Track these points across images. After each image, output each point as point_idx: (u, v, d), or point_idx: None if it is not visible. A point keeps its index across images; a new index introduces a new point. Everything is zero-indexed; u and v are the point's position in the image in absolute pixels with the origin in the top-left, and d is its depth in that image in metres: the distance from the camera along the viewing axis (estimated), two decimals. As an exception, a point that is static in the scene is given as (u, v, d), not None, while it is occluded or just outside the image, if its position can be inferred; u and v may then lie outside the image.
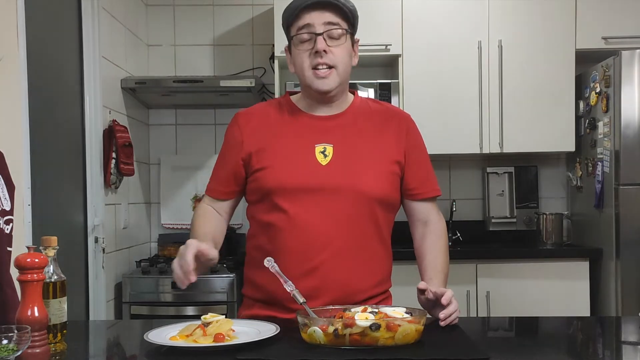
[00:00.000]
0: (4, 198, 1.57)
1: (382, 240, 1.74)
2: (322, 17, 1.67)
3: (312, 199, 1.65)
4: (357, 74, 3.86)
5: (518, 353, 1.39)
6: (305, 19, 1.67)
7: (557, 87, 3.62)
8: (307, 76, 1.70)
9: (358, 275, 1.68)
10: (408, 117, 1.83)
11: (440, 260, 1.74)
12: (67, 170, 2.86)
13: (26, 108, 2.27)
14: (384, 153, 1.73)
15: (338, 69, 1.69)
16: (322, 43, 1.66)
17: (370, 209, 1.69)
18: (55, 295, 1.43)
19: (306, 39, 1.68)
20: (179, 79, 3.49)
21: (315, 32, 1.67)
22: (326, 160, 1.69)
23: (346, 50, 1.71)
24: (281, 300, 1.65)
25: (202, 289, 3.23)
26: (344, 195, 1.66)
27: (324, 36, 1.66)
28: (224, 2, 3.95)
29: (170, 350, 1.34)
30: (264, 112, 1.79)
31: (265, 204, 1.70)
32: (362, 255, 1.69)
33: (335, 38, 1.68)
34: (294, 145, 1.70)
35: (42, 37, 2.53)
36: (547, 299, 3.37)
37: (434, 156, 3.77)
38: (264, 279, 1.68)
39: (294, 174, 1.67)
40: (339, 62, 1.69)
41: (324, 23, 1.67)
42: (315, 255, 1.64)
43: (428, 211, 1.81)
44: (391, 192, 1.74)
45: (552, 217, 3.72)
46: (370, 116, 1.78)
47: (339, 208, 1.66)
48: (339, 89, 1.73)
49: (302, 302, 1.50)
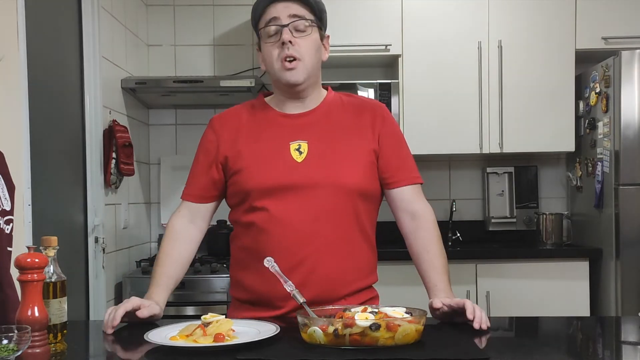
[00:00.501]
0: (4, 198, 1.57)
1: (364, 232, 1.75)
2: (288, 9, 1.69)
3: (291, 197, 1.67)
4: (357, 74, 3.87)
5: (518, 353, 1.39)
6: (272, 12, 1.70)
7: (557, 87, 3.62)
8: (276, 68, 1.71)
9: (342, 269, 1.68)
10: (382, 107, 1.83)
11: (438, 260, 1.71)
12: (67, 170, 2.86)
13: (26, 108, 2.27)
14: (359, 144, 1.73)
15: (304, 61, 1.70)
16: (287, 34, 1.68)
17: (350, 202, 1.70)
18: (56, 295, 1.43)
19: (273, 32, 1.70)
20: (179, 79, 3.50)
21: (281, 24, 1.69)
22: (302, 157, 1.70)
23: (313, 43, 1.72)
24: (269, 300, 1.67)
25: (202, 289, 3.23)
26: (322, 190, 1.67)
27: (289, 28, 1.68)
28: (224, 2, 3.95)
29: (170, 350, 1.34)
30: (237, 114, 1.81)
31: (245, 205, 1.72)
32: (344, 248, 1.69)
33: (301, 30, 1.70)
34: (269, 145, 1.72)
35: (42, 37, 2.53)
36: (547, 299, 3.38)
37: (434, 156, 3.85)
38: (250, 280, 1.71)
39: (271, 174, 1.68)
40: (305, 53, 1.70)
41: (289, 15, 1.69)
42: (298, 251, 1.65)
43: (409, 200, 1.76)
44: (370, 183, 1.74)
45: (552, 217, 3.72)
46: (344, 110, 1.79)
47: (318, 203, 1.67)
48: (309, 82, 1.74)
49: (302, 302, 1.50)
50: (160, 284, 1.72)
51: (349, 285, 1.70)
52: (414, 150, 3.71)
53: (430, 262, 1.71)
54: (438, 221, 1.81)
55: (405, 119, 3.62)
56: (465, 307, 1.53)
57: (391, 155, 1.76)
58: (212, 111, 3.93)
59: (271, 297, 1.66)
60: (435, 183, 3.97)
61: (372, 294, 1.80)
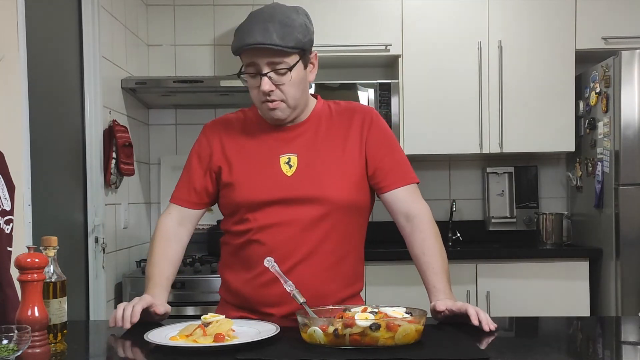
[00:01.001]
0: (4, 198, 1.57)
1: (351, 243, 1.76)
2: (266, 57, 1.63)
3: (279, 210, 1.68)
4: (357, 74, 3.87)
5: (518, 353, 1.39)
6: (251, 56, 1.64)
7: (557, 87, 3.62)
8: (260, 108, 1.73)
9: (328, 280, 1.70)
10: (371, 111, 1.81)
11: (435, 260, 1.70)
12: (67, 170, 2.86)
13: (26, 108, 2.27)
14: (348, 157, 1.73)
15: (288, 101, 1.68)
16: (266, 84, 1.64)
17: (338, 216, 1.71)
18: (56, 295, 1.43)
19: (253, 76, 1.67)
20: (179, 79, 3.49)
21: (260, 73, 1.65)
22: (291, 170, 1.71)
23: (296, 80, 1.67)
24: (254, 305, 1.71)
25: (202, 289, 3.23)
26: (310, 204, 1.69)
27: (269, 75, 1.64)
28: (224, 2, 3.95)
29: (170, 350, 1.34)
30: (229, 124, 1.81)
31: (235, 218, 1.75)
32: (330, 259, 1.71)
33: (282, 74, 1.65)
34: (259, 157, 1.72)
35: (42, 37, 2.53)
36: (547, 299, 3.38)
37: (434, 156, 3.85)
38: (237, 284, 1.75)
39: (260, 188, 1.69)
40: (288, 94, 1.67)
41: (267, 63, 1.63)
42: (285, 262, 1.66)
43: (403, 202, 1.75)
44: (359, 197, 1.75)
45: (552, 217, 3.72)
46: (332, 120, 1.78)
47: (306, 217, 1.68)
48: (295, 113, 1.73)
49: (302, 302, 1.51)
50: (161, 284, 1.72)
51: (334, 294, 1.71)
52: (414, 150, 3.74)
53: (428, 264, 1.70)
54: (438, 221, 1.80)
55: (405, 119, 3.62)
56: (467, 313, 1.54)
57: (380, 160, 1.75)
58: (212, 111, 3.94)
59: (256, 302, 1.71)
60: (435, 183, 3.97)
61: (359, 303, 1.81)
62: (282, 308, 1.68)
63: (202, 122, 3.88)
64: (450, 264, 1.77)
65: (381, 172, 1.75)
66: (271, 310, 1.69)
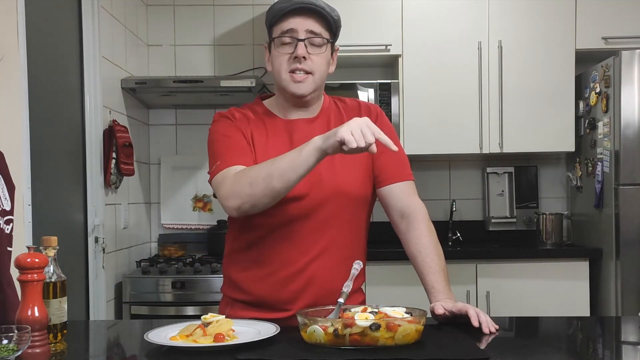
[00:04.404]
0: (4, 198, 1.57)
1: (360, 236, 1.78)
2: (306, 23, 1.68)
3: (293, 205, 1.67)
4: (357, 74, 3.87)
5: (518, 353, 1.39)
6: (290, 23, 1.68)
7: (557, 87, 3.62)
8: (283, 79, 1.71)
9: (339, 275, 1.67)
10: (376, 108, 1.84)
11: (432, 259, 1.68)
12: (67, 170, 2.86)
13: (26, 108, 2.27)
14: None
15: (315, 76, 1.70)
16: (302, 49, 1.67)
17: (352, 209, 1.72)
18: (56, 295, 1.43)
19: (287, 42, 1.69)
20: (179, 79, 3.50)
21: (297, 38, 1.68)
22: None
23: (325, 59, 1.72)
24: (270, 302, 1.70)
25: (202, 289, 3.23)
26: (326, 199, 1.69)
27: (305, 42, 1.68)
28: (224, 2, 3.95)
29: (170, 350, 1.34)
30: (243, 115, 1.78)
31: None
32: (341, 253, 1.71)
33: (316, 45, 1.69)
34: (274, 152, 1.70)
35: (42, 37, 2.53)
36: (547, 299, 3.38)
37: (434, 156, 3.85)
38: (248, 281, 1.72)
39: None
40: (316, 69, 1.70)
41: (306, 30, 1.68)
42: (299, 259, 1.66)
43: (398, 197, 1.75)
44: (368, 188, 1.77)
45: (552, 217, 3.72)
46: (340, 115, 1.79)
47: (324, 211, 1.69)
48: (314, 94, 1.74)
49: (341, 302, 1.49)
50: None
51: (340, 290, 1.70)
52: (414, 150, 3.74)
53: (425, 263, 1.69)
54: (438, 221, 1.81)
55: (405, 119, 3.62)
56: (468, 314, 1.54)
57: (382, 154, 1.74)
58: (212, 111, 3.91)
59: (274, 300, 1.69)
60: (435, 183, 3.97)
61: (361, 298, 1.82)
62: (296, 304, 1.67)
63: (202, 122, 3.93)
64: (450, 264, 1.77)
65: (381, 166, 1.77)
66: (288, 306, 1.67)
